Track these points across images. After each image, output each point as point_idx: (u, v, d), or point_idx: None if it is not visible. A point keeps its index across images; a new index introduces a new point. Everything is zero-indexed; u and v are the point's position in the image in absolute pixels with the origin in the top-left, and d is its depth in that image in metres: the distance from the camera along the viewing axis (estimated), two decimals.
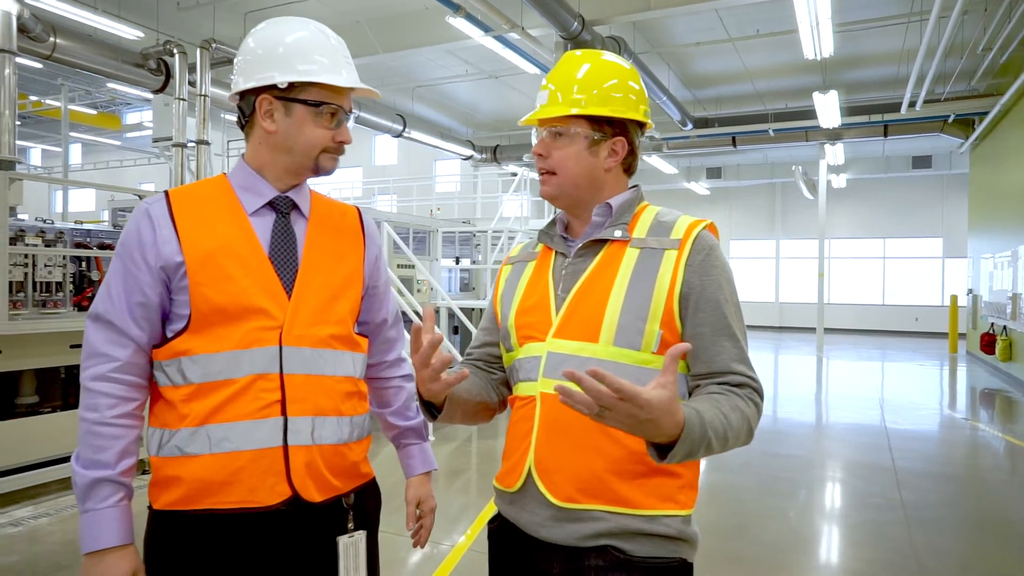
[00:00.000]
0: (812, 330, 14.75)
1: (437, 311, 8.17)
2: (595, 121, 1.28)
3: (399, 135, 13.44)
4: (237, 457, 1.22)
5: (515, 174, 12.26)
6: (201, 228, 1.29)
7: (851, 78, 12.75)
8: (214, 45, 8.66)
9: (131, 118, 18.52)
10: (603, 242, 1.29)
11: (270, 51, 1.31)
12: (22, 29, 7.49)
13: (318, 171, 1.37)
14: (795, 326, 19.91)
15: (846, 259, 19.74)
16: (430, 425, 1.67)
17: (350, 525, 1.34)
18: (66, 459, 4.55)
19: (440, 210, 16.01)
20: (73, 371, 4.92)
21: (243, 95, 1.33)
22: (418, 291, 8.26)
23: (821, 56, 8.83)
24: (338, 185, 20.08)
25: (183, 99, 8.45)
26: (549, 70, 9.78)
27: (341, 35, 1.42)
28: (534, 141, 1.35)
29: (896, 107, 11.90)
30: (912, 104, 11.11)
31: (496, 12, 7.86)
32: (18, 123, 18.37)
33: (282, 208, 1.36)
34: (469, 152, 15.68)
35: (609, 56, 1.33)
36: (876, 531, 4.09)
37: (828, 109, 10.92)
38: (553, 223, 1.40)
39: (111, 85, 13.62)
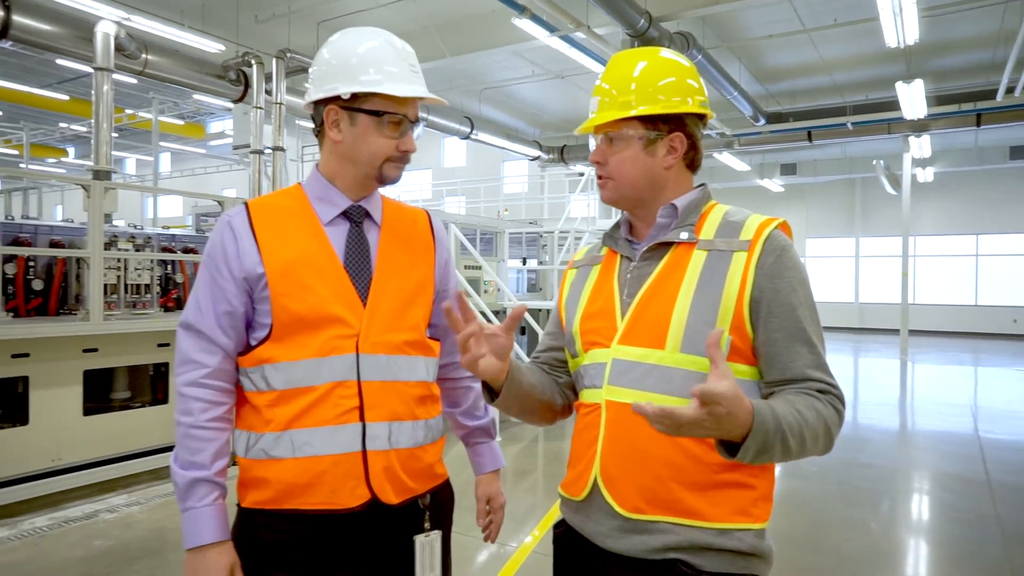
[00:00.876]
0: (895, 332, 14.00)
1: (503, 312, 8.21)
2: (648, 120, 1.25)
3: (466, 137, 13.58)
4: (319, 461, 1.27)
5: (582, 174, 12.18)
6: (280, 239, 1.33)
7: (939, 65, 12.05)
8: (289, 55, 9.00)
9: (215, 127, 19.49)
10: (669, 245, 1.25)
11: (338, 62, 1.34)
12: (118, 48, 7.99)
13: (383, 180, 1.39)
14: (876, 328, 18.96)
15: (933, 257, 18.65)
16: (497, 425, 1.73)
17: (426, 525, 1.38)
18: (155, 451, 4.83)
19: (508, 211, 16.09)
20: (160, 368, 5.21)
21: (315, 105, 1.37)
22: (485, 292, 8.32)
23: (905, 43, 8.38)
24: (407, 188, 20.49)
25: (260, 108, 8.82)
26: None
27: (409, 41, 1.44)
28: (592, 149, 1.34)
29: (991, 94, 11.19)
30: (1010, 90, 10.40)
31: (561, 12, 7.84)
32: (115, 135, 19.60)
33: (355, 217, 1.39)
34: (536, 153, 15.69)
35: (654, 51, 1.31)
36: (967, 549, 3.84)
37: (913, 99, 10.35)
38: (618, 226, 1.38)
39: (196, 97, 14.35)
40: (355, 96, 1.32)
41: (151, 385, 5.32)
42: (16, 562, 3.46)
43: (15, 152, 19.29)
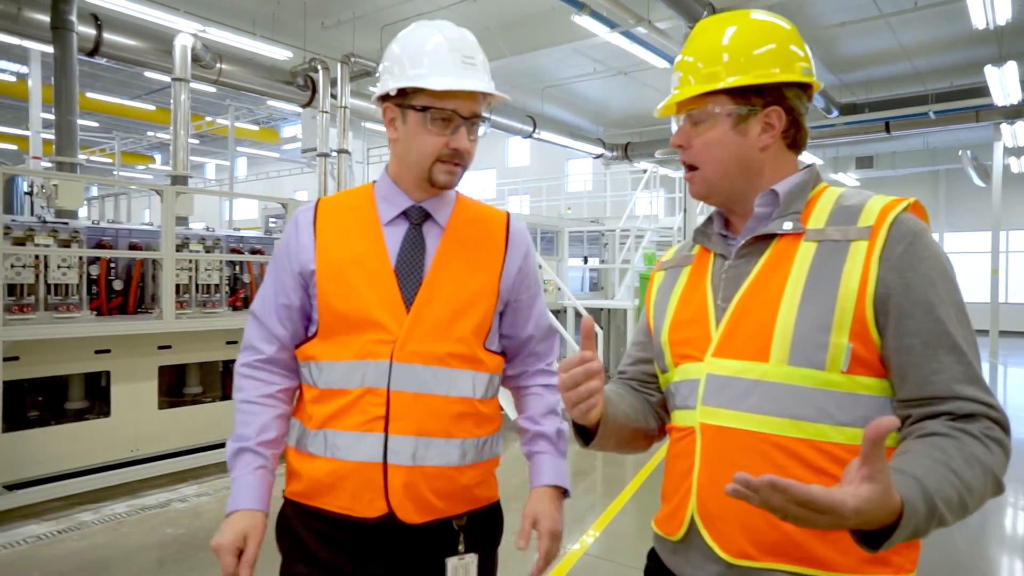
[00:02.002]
0: (984, 333, 13.17)
1: (563, 312, 8.18)
2: (738, 93, 1.06)
3: (529, 136, 13.59)
4: (343, 466, 1.25)
5: (646, 171, 11.99)
6: (337, 237, 1.33)
7: None
8: (353, 59, 9.25)
9: (288, 132, 20.23)
10: (771, 238, 1.06)
11: (395, 58, 1.30)
12: (194, 59, 8.41)
13: (433, 183, 1.31)
14: None
15: None
16: (567, 437, 1.55)
17: (460, 547, 1.30)
18: (224, 445, 5.05)
19: (571, 209, 16.02)
20: (229, 365, 5.45)
21: (380, 103, 1.33)
22: (545, 291, 8.31)
23: (995, 24, 7.86)
24: (470, 188, 20.70)
25: (326, 112, 9.10)
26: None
27: None
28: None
29: None
30: None
31: (621, 7, 7.74)
32: (196, 142, 20.55)
33: (415, 219, 1.34)
34: (600, 150, 15.53)
35: (744, 14, 1.12)
36: None
37: (1005, 84, 9.68)
38: (710, 220, 1.20)
39: (270, 103, 14.93)
40: (405, 92, 1.27)
41: (221, 381, 5.58)
42: (98, 544, 3.69)
43: (108, 160, 20.59)
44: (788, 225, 1.04)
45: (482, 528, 1.36)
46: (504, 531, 1.48)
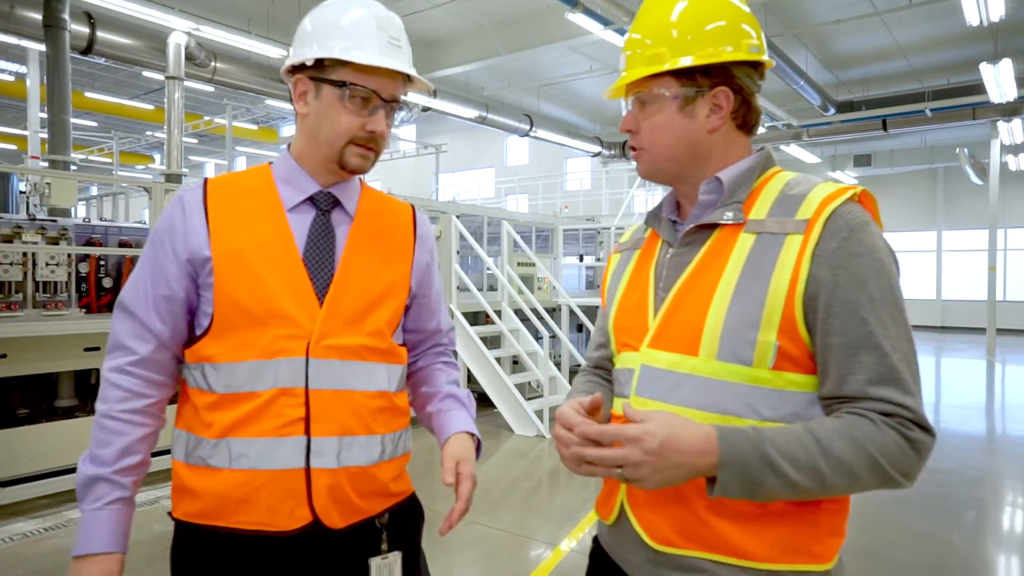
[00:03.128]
0: (981, 331, 13.16)
1: (557, 310, 8.18)
2: (685, 74, 1.02)
3: (525, 135, 13.59)
4: (256, 476, 1.12)
5: None
6: (233, 222, 1.19)
7: None
8: None
9: (286, 131, 20.26)
10: (713, 227, 1.03)
11: (311, 29, 1.21)
12: (189, 57, 8.42)
13: (343, 166, 1.22)
14: (960, 326, 17.85)
15: None
16: (474, 402, 1.50)
17: (383, 547, 1.23)
18: None
19: (568, 208, 16.02)
20: None
21: (290, 76, 1.23)
22: (539, 288, 8.31)
23: (988, 21, 7.85)
24: (469, 186, 20.71)
25: None
26: None
27: (465, 39, 1.31)
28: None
29: None
30: None
31: (615, 4, 7.74)
32: (195, 141, 20.53)
33: (323, 205, 1.24)
34: (597, 148, 15.54)
35: None
36: None
37: (1000, 81, 9.67)
38: (663, 203, 1.17)
39: (268, 102, 14.94)
40: (322, 65, 1.17)
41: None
42: None
43: (107, 160, 20.63)
44: (729, 215, 1.02)
45: (403, 523, 1.30)
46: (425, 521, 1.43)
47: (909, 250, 19.00)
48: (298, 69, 1.20)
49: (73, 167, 7.56)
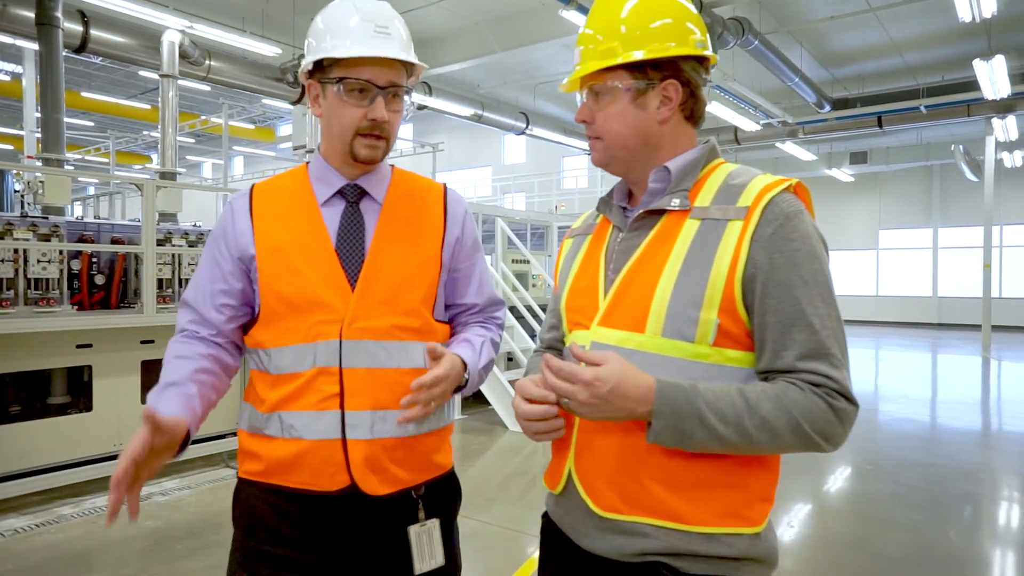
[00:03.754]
0: (977, 327, 13.18)
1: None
2: (636, 68, 1.09)
3: (522, 133, 13.59)
4: (301, 444, 1.26)
5: None
6: (275, 221, 1.32)
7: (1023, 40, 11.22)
8: None
9: (283, 130, 20.24)
10: (661, 213, 1.10)
11: (310, 35, 1.31)
12: (183, 55, 8.41)
13: (356, 158, 1.30)
14: (957, 323, 17.88)
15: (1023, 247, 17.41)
16: (490, 359, 1.44)
17: (421, 515, 1.33)
18: (209, 439, 5.06)
19: (564, 206, 16.02)
20: None
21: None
22: (533, 286, 8.32)
23: (981, 17, 7.85)
24: (465, 184, 20.70)
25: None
26: None
27: (460, 37, 1.37)
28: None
29: None
30: None
31: None
32: (192, 141, 20.51)
33: (351, 197, 1.34)
34: None
35: None
36: None
37: (994, 77, 9.67)
38: (614, 190, 1.24)
39: (264, 101, 14.94)
40: (323, 68, 1.27)
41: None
42: (73, 537, 3.70)
43: (104, 160, 20.61)
44: (676, 202, 1.09)
45: (440, 495, 1.38)
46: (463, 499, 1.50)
47: (905, 247, 19.03)
48: (309, 76, 1.31)
49: (68, 167, 7.56)
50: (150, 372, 5.07)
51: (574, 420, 1.11)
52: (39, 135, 11.54)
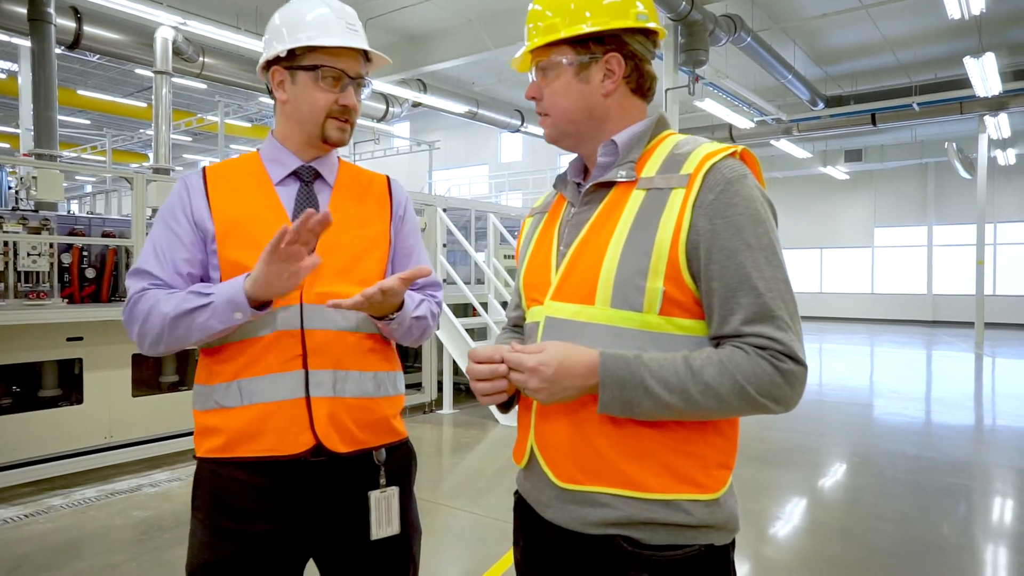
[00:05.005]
0: (972, 325, 13.23)
1: None
2: (579, 42, 1.10)
3: (517, 130, 13.63)
4: (264, 408, 1.30)
5: None
6: (231, 198, 1.38)
7: (1018, 37, 11.26)
8: None
9: None
10: (610, 186, 1.11)
11: (278, 25, 1.40)
12: (176, 52, 8.44)
13: (326, 140, 1.40)
14: (951, 320, 17.93)
15: (1018, 245, 17.46)
16: (427, 318, 1.51)
17: (382, 480, 1.39)
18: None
19: None
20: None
21: (265, 71, 1.42)
22: None
23: (970, 15, 7.90)
24: (461, 182, 20.72)
25: None
26: (662, 56, 9.32)
27: (454, 35, 1.47)
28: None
29: None
30: None
31: None
32: (189, 139, 20.51)
33: (306, 177, 1.43)
34: None
35: None
36: (1016, 546, 3.62)
37: (985, 75, 9.72)
38: (570, 167, 1.25)
39: (261, 99, 14.94)
40: (294, 55, 1.36)
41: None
42: (62, 527, 3.73)
43: (101, 158, 20.60)
44: (622, 174, 1.10)
45: (399, 463, 1.45)
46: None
47: (900, 244, 19.08)
48: (272, 63, 1.39)
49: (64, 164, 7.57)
50: (141, 365, 5.10)
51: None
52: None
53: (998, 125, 12.77)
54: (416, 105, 11.86)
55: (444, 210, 7.13)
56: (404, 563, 1.46)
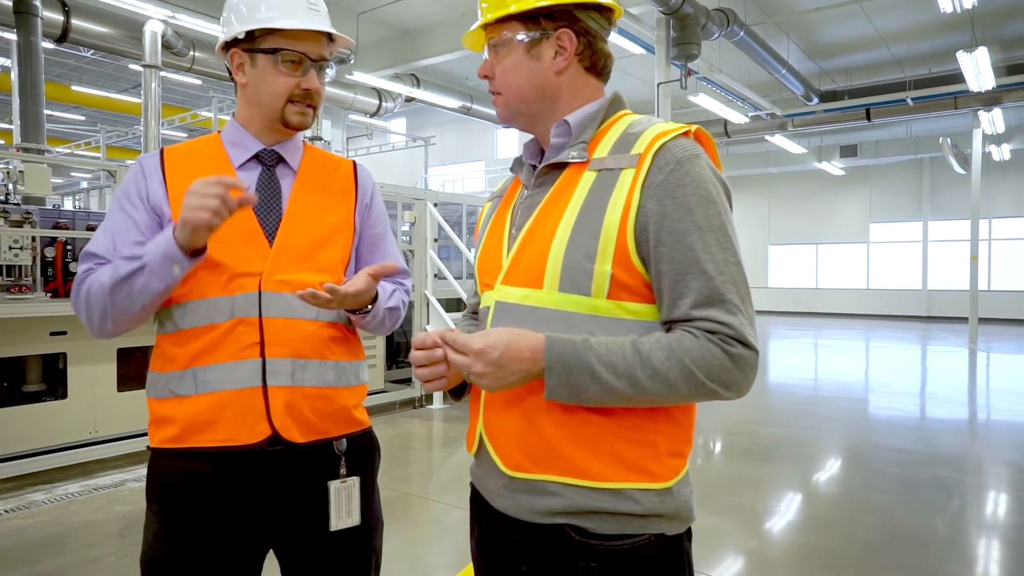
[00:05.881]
0: (967, 320, 13.23)
1: None
2: (529, 18, 1.07)
3: (509, 125, 13.57)
4: (219, 397, 1.27)
5: None
6: (189, 181, 1.26)
7: (1008, 32, 11.24)
8: None
9: None
10: (563, 167, 1.08)
11: (237, 2, 1.35)
12: (166, 46, 8.37)
13: (287, 124, 1.36)
14: (946, 316, 17.94)
15: (1013, 241, 17.46)
16: (398, 309, 1.51)
17: (342, 471, 1.36)
18: None
19: None
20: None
21: (225, 53, 1.38)
22: None
23: (962, 8, 7.87)
24: (456, 178, 20.69)
25: None
26: (654, 50, 9.24)
27: (446, 28, 1.42)
28: None
29: None
30: None
31: None
32: (184, 135, 20.55)
33: (268, 161, 1.39)
34: None
35: None
36: (1007, 538, 3.61)
37: (978, 70, 9.69)
38: (526, 149, 1.21)
39: None
40: (254, 37, 1.32)
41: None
42: (43, 522, 3.70)
43: (95, 154, 20.52)
44: (573, 154, 1.06)
45: (361, 453, 1.42)
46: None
47: (896, 240, 19.08)
48: (231, 44, 1.35)
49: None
50: (126, 360, 5.06)
51: None
52: None
53: (992, 120, 12.75)
54: (409, 100, 11.81)
55: (435, 205, 7.10)
56: (365, 555, 1.42)
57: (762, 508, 4.03)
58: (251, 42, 1.33)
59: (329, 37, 1.38)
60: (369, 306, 1.36)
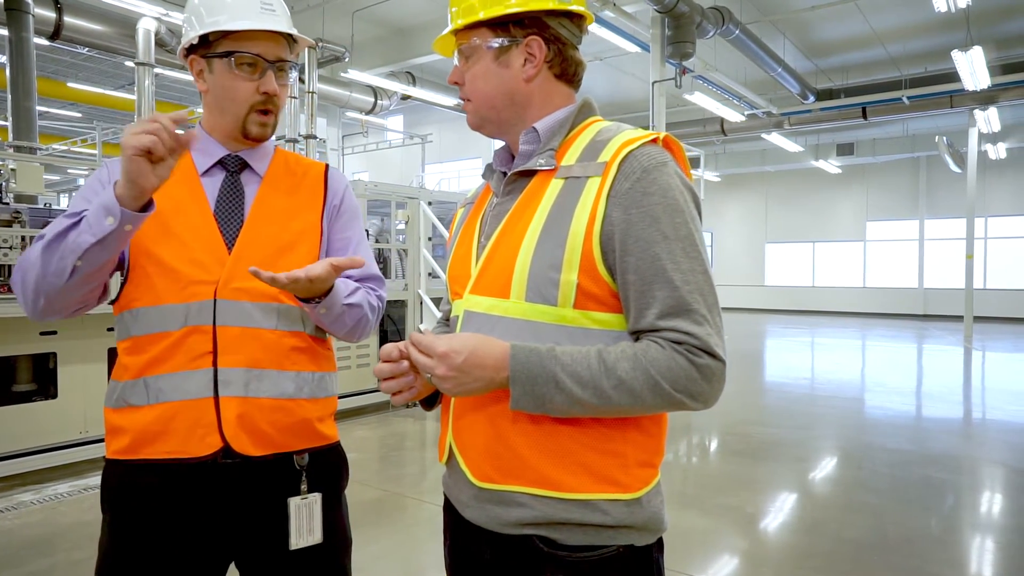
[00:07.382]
0: (959, 318, 13.25)
1: None
2: (498, 25, 1.06)
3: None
4: (170, 408, 1.24)
5: None
6: None
7: (1004, 31, 11.22)
8: (322, 44, 9.19)
9: None
10: (532, 175, 1.07)
11: (197, 5, 1.31)
12: (159, 43, 8.33)
13: (247, 135, 1.33)
14: (943, 314, 17.96)
15: (1008, 239, 17.49)
16: (363, 309, 1.39)
17: (303, 487, 1.31)
18: None
19: None
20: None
21: (187, 59, 1.34)
22: None
23: (956, 7, 7.86)
24: (452, 175, 20.65)
25: (294, 97, 9.04)
26: (649, 48, 9.23)
27: (440, 27, 1.37)
28: None
29: None
30: None
31: None
32: (181, 132, 20.54)
33: (232, 167, 1.36)
34: None
35: None
36: (1000, 540, 3.61)
37: (973, 69, 9.69)
38: (497, 155, 1.21)
39: None
40: (209, 42, 1.29)
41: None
42: (32, 523, 3.69)
43: (92, 151, 20.43)
44: (541, 162, 1.05)
45: (324, 469, 1.37)
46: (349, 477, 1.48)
47: (892, 239, 19.10)
48: (191, 51, 1.32)
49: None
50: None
51: None
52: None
53: (988, 119, 12.76)
54: (405, 98, 11.78)
55: (429, 203, 7.08)
56: (331, 575, 1.37)
57: (753, 508, 4.03)
58: (208, 47, 1.30)
59: (289, 38, 1.34)
60: (321, 297, 1.27)
